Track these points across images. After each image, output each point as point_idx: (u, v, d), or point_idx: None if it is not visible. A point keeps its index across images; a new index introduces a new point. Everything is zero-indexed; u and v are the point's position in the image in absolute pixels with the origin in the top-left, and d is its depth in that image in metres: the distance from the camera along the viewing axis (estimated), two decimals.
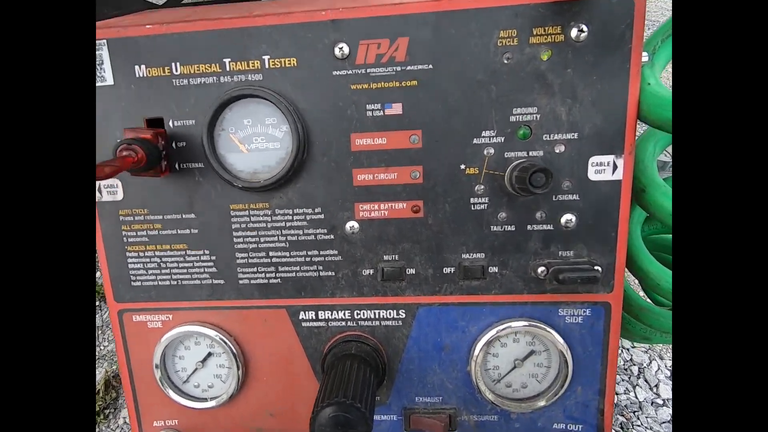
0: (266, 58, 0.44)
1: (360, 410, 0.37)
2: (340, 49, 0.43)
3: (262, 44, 0.44)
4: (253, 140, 0.46)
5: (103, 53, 0.45)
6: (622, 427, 1.28)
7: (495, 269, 0.47)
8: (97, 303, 1.17)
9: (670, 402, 1.35)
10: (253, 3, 0.53)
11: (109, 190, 0.48)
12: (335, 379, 0.41)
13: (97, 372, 0.94)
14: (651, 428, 1.26)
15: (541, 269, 0.46)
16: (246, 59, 0.44)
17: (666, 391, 1.40)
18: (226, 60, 0.44)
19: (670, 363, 1.51)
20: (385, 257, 0.48)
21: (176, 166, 0.47)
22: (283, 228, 0.48)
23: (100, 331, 1.09)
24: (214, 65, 0.44)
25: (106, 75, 0.46)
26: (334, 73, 0.44)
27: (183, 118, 0.46)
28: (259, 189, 0.46)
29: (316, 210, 0.47)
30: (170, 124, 0.46)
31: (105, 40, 0.45)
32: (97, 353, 1.02)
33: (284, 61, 0.44)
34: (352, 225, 0.47)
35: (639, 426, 1.28)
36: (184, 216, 0.48)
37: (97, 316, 1.13)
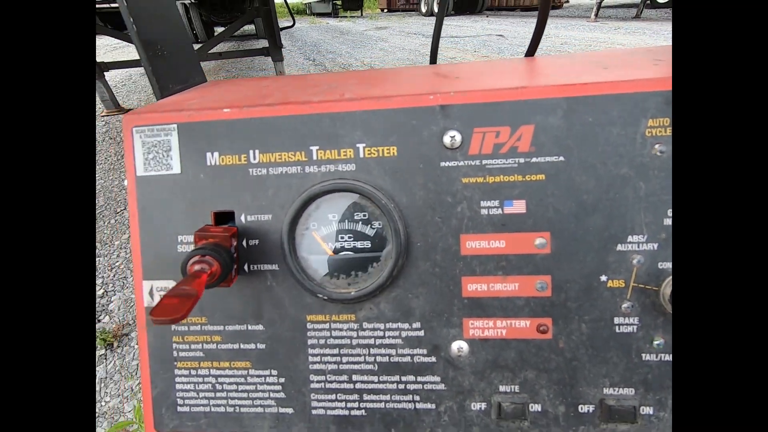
0: (361, 146, 0.37)
1: None
2: (452, 137, 0.36)
3: (356, 131, 0.37)
4: (338, 238, 0.38)
5: (171, 138, 0.40)
6: None
7: (649, 410, 0.36)
8: (102, 352, 1.07)
9: None
10: (341, 81, 0.48)
11: (162, 294, 0.41)
12: None
13: None
14: None
15: None
16: (337, 147, 0.38)
17: None
18: (314, 148, 0.38)
19: None
20: (502, 388, 0.37)
21: (245, 267, 0.39)
22: (372, 346, 0.39)
23: (102, 384, 1.00)
24: (299, 153, 0.38)
25: (172, 162, 0.40)
26: (443, 164, 0.37)
27: (258, 212, 0.39)
28: (350, 301, 0.37)
29: (415, 325, 0.38)
30: (242, 218, 0.39)
31: (175, 125, 0.39)
32: (97, 410, 0.94)
33: (382, 150, 0.37)
34: (459, 346, 0.38)
35: None
36: (249, 327, 0.40)
37: (101, 367, 1.03)
